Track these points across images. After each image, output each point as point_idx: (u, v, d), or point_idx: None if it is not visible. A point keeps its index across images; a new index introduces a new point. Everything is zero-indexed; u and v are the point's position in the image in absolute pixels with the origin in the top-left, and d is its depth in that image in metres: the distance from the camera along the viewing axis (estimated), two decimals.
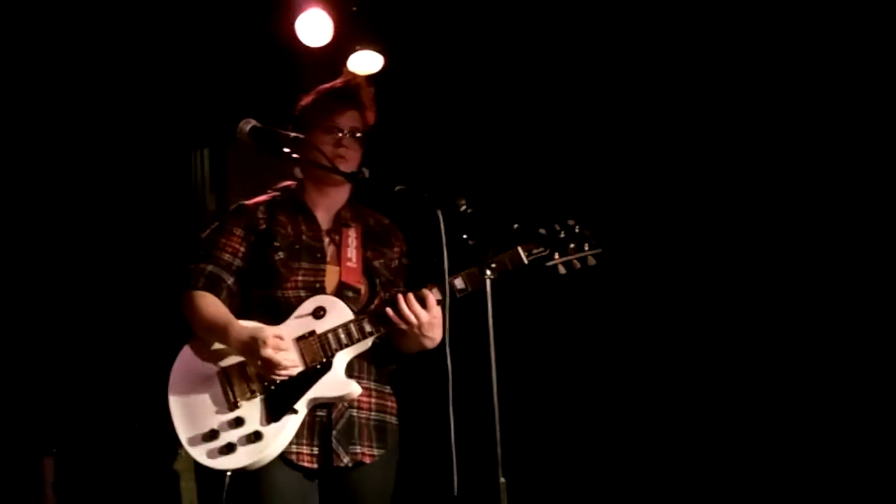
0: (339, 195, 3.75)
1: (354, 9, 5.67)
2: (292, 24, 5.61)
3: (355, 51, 5.72)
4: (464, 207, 3.20)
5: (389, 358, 3.68)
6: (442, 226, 3.17)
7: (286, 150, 3.47)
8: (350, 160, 3.64)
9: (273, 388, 3.45)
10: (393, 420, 3.69)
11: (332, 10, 5.62)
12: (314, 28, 5.62)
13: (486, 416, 3.13)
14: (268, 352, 3.37)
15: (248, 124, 3.51)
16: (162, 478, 5.25)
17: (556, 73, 5.55)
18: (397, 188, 3.31)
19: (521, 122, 5.64)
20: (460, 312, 3.28)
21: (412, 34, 5.74)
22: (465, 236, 3.26)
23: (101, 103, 6.21)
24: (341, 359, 3.49)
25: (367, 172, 3.46)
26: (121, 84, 6.14)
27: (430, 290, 3.48)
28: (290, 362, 3.42)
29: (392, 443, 3.66)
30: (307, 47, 5.66)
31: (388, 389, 3.71)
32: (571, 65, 5.51)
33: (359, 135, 3.70)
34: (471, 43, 5.65)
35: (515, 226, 3.26)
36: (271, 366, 3.39)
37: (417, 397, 4.23)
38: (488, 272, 3.24)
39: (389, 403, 3.70)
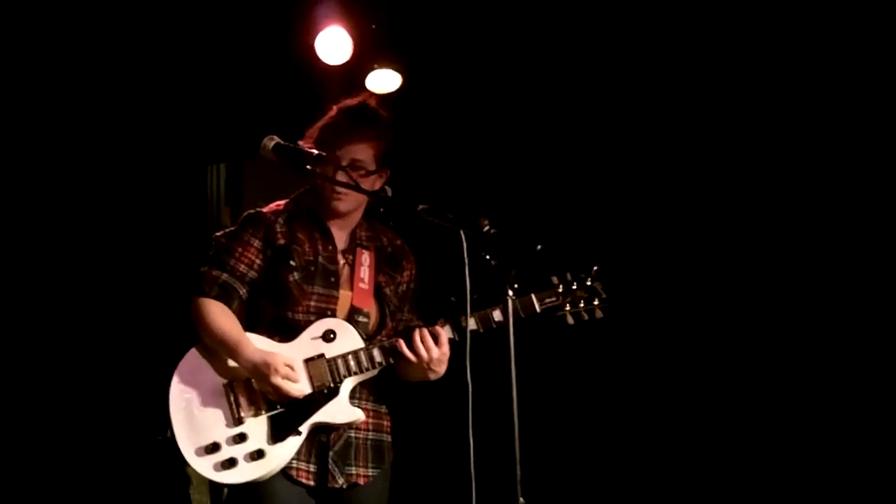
0: (354, 213, 3.71)
1: (374, 27, 5.69)
2: (312, 41, 5.63)
3: (374, 69, 5.75)
4: (487, 228, 3.20)
5: (385, 379, 3.66)
6: (465, 246, 3.18)
7: (309, 167, 3.45)
8: (347, 199, 3.61)
9: (279, 407, 3.45)
10: (388, 438, 3.70)
11: (352, 29, 5.64)
12: (334, 46, 5.64)
13: (505, 436, 3.12)
14: (278, 380, 3.38)
15: (272, 141, 3.48)
16: (175, 488, 5.25)
17: (575, 92, 5.56)
18: (420, 207, 3.31)
19: (541, 140, 5.65)
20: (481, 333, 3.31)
21: (431, 52, 5.75)
22: (487, 256, 3.26)
23: (119, 118, 6.25)
24: (348, 385, 3.50)
25: (389, 191, 3.47)
26: (139, 99, 6.17)
27: (443, 326, 3.50)
28: (298, 390, 3.43)
29: (388, 461, 3.67)
30: (326, 65, 5.67)
31: (384, 409, 3.71)
32: (591, 83, 5.53)
33: (361, 168, 3.59)
34: (490, 61, 5.67)
35: (538, 247, 3.25)
36: (280, 393, 3.40)
37: (437, 416, 4.23)
38: (511, 292, 3.23)
39: (385, 422, 3.70)
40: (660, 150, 5.40)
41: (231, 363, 3.51)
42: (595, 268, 3.58)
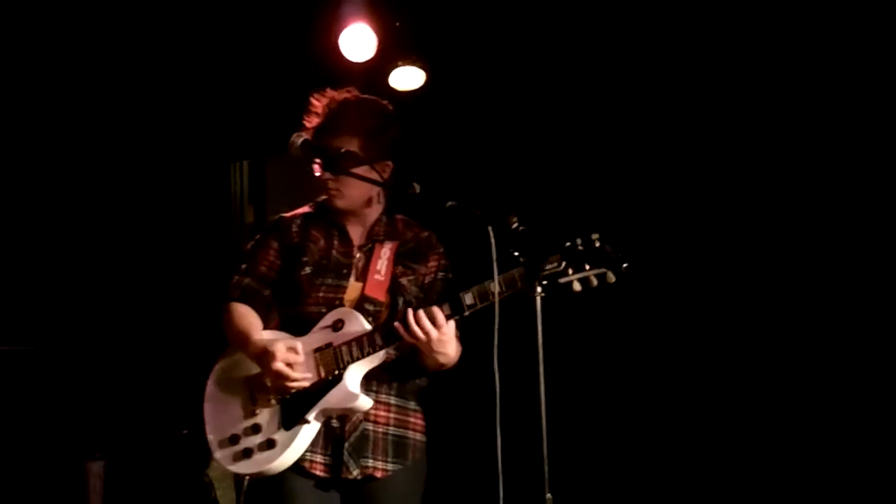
0: (367, 209, 3.71)
1: (397, 24, 5.71)
2: (336, 38, 5.64)
3: (398, 66, 5.77)
4: (515, 225, 3.19)
5: (413, 374, 3.64)
6: (493, 243, 3.17)
7: (341, 164, 3.49)
8: (340, 195, 3.62)
9: (288, 397, 3.48)
10: (417, 437, 3.65)
11: (376, 26, 5.65)
12: (357, 43, 5.65)
13: (532, 431, 3.13)
14: (277, 364, 3.41)
15: (300, 138, 3.52)
16: (200, 484, 5.29)
17: (601, 86, 5.55)
18: (449, 204, 3.30)
19: (567, 136, 5.64)
20: (509, 326, 3.22)
21: (455, 49, 5.76)
22: (516, 253, 3.25)
23: (142, 116, 6.29)
24: (353, 371, 3.48)
25: (417, 188, 3.42)
26: (162, 96, 6.21)
27: (441, 307, 3.43)
28: (300, 375, 3.45)
29: (414, 459, 3.62)
30: (350, 62, 5.68)
31: (412, 406, 3.67)
32: (615, 76, 5.52)
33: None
34: (514, 57, 5.67)
35: (567, 244, 3.24)
36: (281, 378, 3.43)
37: (465, 411, 4.21)
38: (539, 289, 3.21)
39: (412, 420, 3.66)
40: (685, 144, 5.38)
41: (250, 360, 3.57)
42: (595, 234, 3.33)
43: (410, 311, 3.41)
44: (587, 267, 3.27)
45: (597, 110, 5.58)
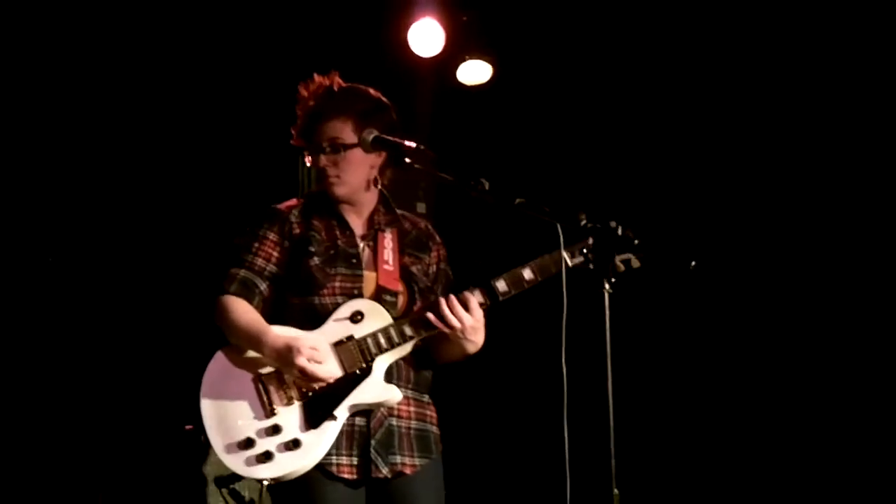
0: (366, 198, 3.65)
1: (465, 19, 5.74)
2: (405, 33, 5.69)
3: (465, 60, 5.81)
4: (584, 222, 3.18)
5: (426, 367, 3.60)
6: (561, 240, 3.18)
7: (408, 160, 3.45)
8: (339, 182, 3.56)
9: (311, 394, 3.37)
10: (434, 429, 3.59)
11: (444, 20, 5.69)
12: (426, 38, 5.70)
13: (600, 425, 3.12)
14: (302, 361, 3.29)
15: (371, 133, 3.48)
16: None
17: (667, 82, 5.53)
18: (517, 201, 3.27)
19: (634, 132, 5.63)
20: (573, 319, 3.17)
21: (522, 43, 5.77)
22: (584, 250, 3.28)
23: (212, 103, 6.37)
24: (381, 363, 3.42)
25: (486, 184, 3.35)
26: (233, 84, 6.29)
27: (472, 292, 3.40)
28: (326, 372, 3.35)
29: (436, 452, 3.57)
30: (418, 57, 5.74)
31: (426, 399, 3.60)
32: (682, 72, 5.49)
33: (340, 147, 3.55)
34: (580, 51, 5.67)
35: (636, 241, 3.23)
36: (306, 375, 3.32)
37: (537, 406, 4.20)
38: (607, 286, 3.17)
39: (429, 413, 3.60)
40: (767, 149, 5.33)
41: (258, 356, 3.43)
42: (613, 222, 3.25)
43: (443, 300, 3.38)
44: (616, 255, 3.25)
45: (661, 104, 5.56)
